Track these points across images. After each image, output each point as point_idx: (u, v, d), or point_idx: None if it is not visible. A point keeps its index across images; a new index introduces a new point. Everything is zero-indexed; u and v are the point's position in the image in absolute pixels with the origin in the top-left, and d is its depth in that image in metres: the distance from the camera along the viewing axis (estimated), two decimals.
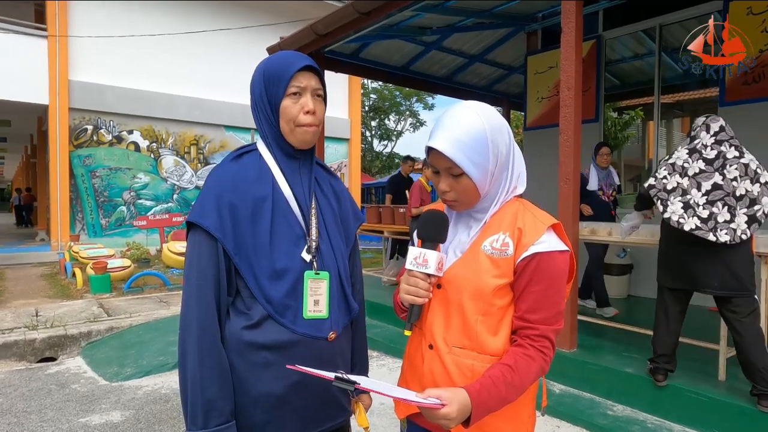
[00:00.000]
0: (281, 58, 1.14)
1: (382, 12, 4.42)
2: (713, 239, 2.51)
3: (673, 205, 2.63)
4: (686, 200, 2.61)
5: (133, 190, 10.59)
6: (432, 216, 1.06)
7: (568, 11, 3.26)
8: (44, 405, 3.26)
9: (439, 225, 1.05)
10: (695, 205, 2.58)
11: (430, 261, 1.01)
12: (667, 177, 2.69)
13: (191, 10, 11.01)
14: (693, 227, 2.55)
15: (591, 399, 3.08)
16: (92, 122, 10.07)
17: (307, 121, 1.11)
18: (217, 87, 11.30)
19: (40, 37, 9.44)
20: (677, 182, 2.65)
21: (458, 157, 0.99)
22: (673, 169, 2.70)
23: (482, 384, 0.94)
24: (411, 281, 1.03)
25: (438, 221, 1.05)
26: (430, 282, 1.03)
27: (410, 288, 1.02)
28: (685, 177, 2.65)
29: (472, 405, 0.91)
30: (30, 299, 6.03)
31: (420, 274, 1.02)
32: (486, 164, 1.01)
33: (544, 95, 6.48)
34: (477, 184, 1.02)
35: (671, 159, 2.74)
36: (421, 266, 1.01)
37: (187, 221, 1.09)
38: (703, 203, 2.57)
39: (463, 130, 1.00)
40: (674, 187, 2.65)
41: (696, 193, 2.60)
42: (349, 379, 0.88)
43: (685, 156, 2.69)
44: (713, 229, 2.53)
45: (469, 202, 1.06)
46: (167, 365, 3.92)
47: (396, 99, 24.30)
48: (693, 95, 5.64)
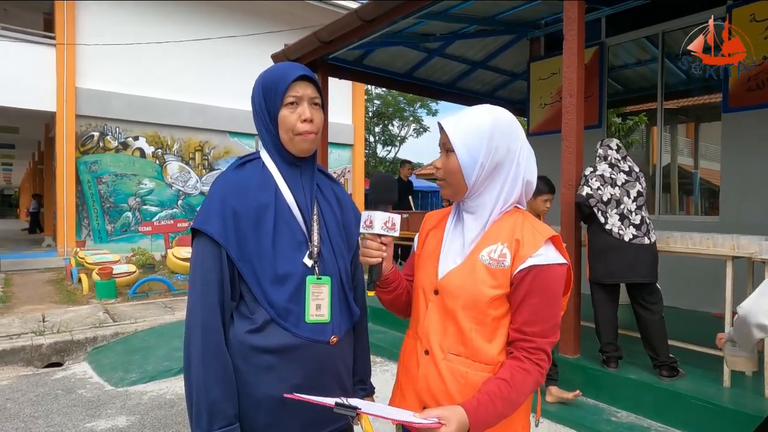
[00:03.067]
0: (277, 70, 1.18)
1: (386, 19, 4.46)
2: (648, 242, 3.00)
3: (611, 218, 3.04)
4: (621, 210, 3.04)
5: (139, 196, 10.66)
6: (379, 179, 1.12)
7: (570, 18, 3.29)
8: (51, 410, 3.28)
9: (386, 186, 1.11)
10: (629, 213, 3.04)
11: (375, 221, 1.06)
12: (601, 188, 3.07)
13: (197, 18, 11.12)
14: (631, 237, 3.00)
15: (595, 405, 3.07)
16: (98, 129, 10.16)
17: (305, 129, 1.14)
18: (222, 93, 11.38)
19: (49, 46, 9.56)
20: (610, 193, 3.06)
21: (453, 132, 1.05)
22: (604, 181, 3.09)
23: (479, 401, 0.95)
24: (364, 243, 1.10)
25: (385, 183, 1.12)
26: (381, 242, 1.08)
27: (363, 250, 1.09)
28: (615, 187, 3.08)
29: (470, 422, 0.93)
30: (37, 305, 6.07)
31: (369, 235, 1.07)
32: (477, 152, 1.04)
33: (546, 101, 6.50)
34: (462, 166, 1.05)
35: (598, 171, 3.13)
36: (368, 228, 1.07)
37: (192, 228, 1.12)
38: (634, 209, 3.05)
39: (469, 117, 1.07)
40: (609, 199, 3.06)
41: (628, 201, 3.05)
42: (349, 404, 0.90)
43: (608, 168, 3.13)
44: (647, 233, 3.02)
45: (455, 185, 1.08)
46: (172, 370, 3.94)
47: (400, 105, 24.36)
48: (696, 101, 5.64)
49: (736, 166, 4.78)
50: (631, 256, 2.99)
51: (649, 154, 6.09)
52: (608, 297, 3.19)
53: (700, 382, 2.92)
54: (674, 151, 5.84)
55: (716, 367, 2.98)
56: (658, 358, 3.01)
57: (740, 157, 4.75)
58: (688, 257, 3.27)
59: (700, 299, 4.85)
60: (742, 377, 2.75)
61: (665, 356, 3.00)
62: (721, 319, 3.00)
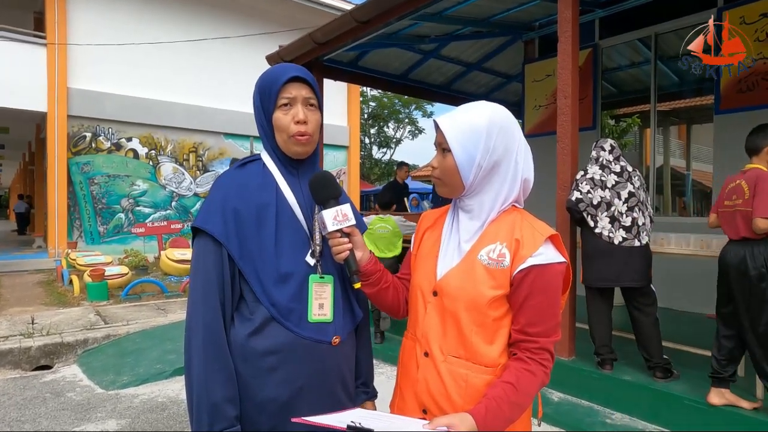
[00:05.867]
0: (272, 72, 1.17)
1: (381, 21, 4.45)
2: (639, 244, 2.98)
3: (602, 221, 3.04)
4: (612, 213, 3.02)
5: (132, 197, 10.57)
6: (313, 181, 1.12)
7: (564, 20, 3.30)
8: (38, 414, 3.23)
9: (322, 184, 1.12)
10: (619, 215, 3.02)
11: (326, 221, 1.08)
12: (590, 191, 3.07)
13: (191, 18, 11.06)
14: (621, 239, 2.99)
15: (590, 407, 3.07)
16: (91, 129, 10.07)
17: (299, 131, 1.13)
18: (216, 95, 11.33)
19: (40, 45, 9.47)
20: (600, 196, 3.05)
21: (449, 131, 1.04)
22: (594, 184, 3.09)
23: (487, 408, 0.94)
24: (329, 244, 1.11)
25: (320, 182, 1.12)
26: (340, 236, 1.09)
27: (332, 249, 1.10)
28: (605, 189, 3.06)
29: (479, 429, 0.92)
30: (26, 306, 6.00)
31: (328, 235, 1.10)
32: (474, 152, 1.02)
33: (541, 103, 6.52)
34: (459, 165, 1.03)
35: (588, 174, 3.13)
36: (324, 229, 1.10)
37: (192, 227, 1.12)
38: (625, 211, 3.02)
39: (465, 115, 1.05)
40: (599, 202, 3.05)
41: (618, 203, 3.02)
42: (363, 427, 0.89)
43: (599, 171, 3.11)
44: (637, 235, 3.00)
45: (452, 185, 1.07)
46: (164, 373, 3.90)
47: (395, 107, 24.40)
48: (689, 103, 5.68)
49: (728, 167, 4.81)
50: (622, 260, 2.98)
51: (642, 156, 6.11)
52: (602, 299, 3.18)
53: (693, 383, 2.92)
54: (667, 153, 5.87)
55: (709, 368, 2.98)
56: (652, 359, 3.02)
57: (732, 158, 4.77)
58: (682, 258, 3.28)
59: (694, 300, 4.87)
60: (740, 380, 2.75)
61: (659, 357, 3.01)
62: (714, 320, 3.00)
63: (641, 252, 3.01)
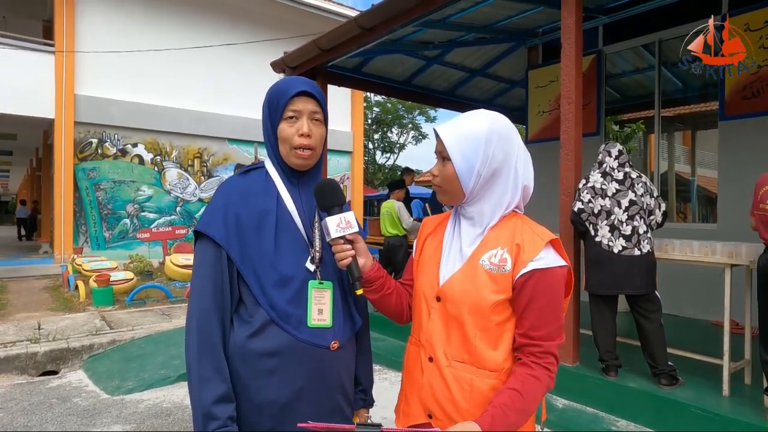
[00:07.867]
0: (281, 84, 1.20)
1: (385, 27, 4.48)
2: (638, 253, 2.97)
3: (602, 230, 3.06)
4: (612, 221, 3.03)
5: (137, 202, 10.64)
6: (317, 188, 1.13)
7: (568, 27, 3.31)
8: (45, 419, 3.25)
9: (327, 190, 1.13)
10: (619, 223, 3.02)
11: (330, 227, 1.09)
12: (591, 200, 3.10)
13: (196, 25, 11.17)
14: (620, 248, 3.00)
15: (594, 414, 3.05)
16: (97, 135, 10.16)
17: (302, 143, 1.15)
18: (221, 101, 11.41)
19: (48, 53, 9.59)
20: (600, 205, 3.07)
21: (449, 140, 1.05)
22: (595, 192, 3.11)
23: (494, 416, 0.95)
24: (332, 250, 1.12)
25: (325, 188, 1.13)
26: (343, 243, 1.10)
27: (335, 256, 1.11)
28: (606, 198, 3.07)
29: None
30: (32, 312, 6.03)
31: (332, 241, 1.11)
32: (473, 160, 1.04)
33: (545, 109, 6.53)
34: (459, 174, 1.05)
35: (589, 183, 3.14)
36: (327, 235, 1.11)
37: (195, 231, 1.15)
38: (625, 219, 3.01)
39: (464, 124, 1.06)
40: (599, 210, 3.07)
41: (618, 211, 3.03)
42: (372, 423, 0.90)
43: (600, 179, 3.12)
44: (638, 244, 2.99)
45: (452, 192, 1.08)
46: (169, 378, 3.91)
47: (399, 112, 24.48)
48: (693, 109, 5.67)
49: (734, 173, 4.80)
50: (622, 268, 2.98)
51: (646, 162, 6.10)
52: (605, 306, 3.18)
53: (699, 391, 2.91)
54: (671, 159, 5.86)
55: (715, 375, 2.97)
56: (657, 366, 3.00)
57: (737, 164, 4.77)
58: (687, 265, 3.27)
59: (699, 307, 4.84)
60: (742, 386, 2.74)
61: (664, 364, 3.00)
62: (720, 327, 2.99)
63: (642, 261, 2.99)
